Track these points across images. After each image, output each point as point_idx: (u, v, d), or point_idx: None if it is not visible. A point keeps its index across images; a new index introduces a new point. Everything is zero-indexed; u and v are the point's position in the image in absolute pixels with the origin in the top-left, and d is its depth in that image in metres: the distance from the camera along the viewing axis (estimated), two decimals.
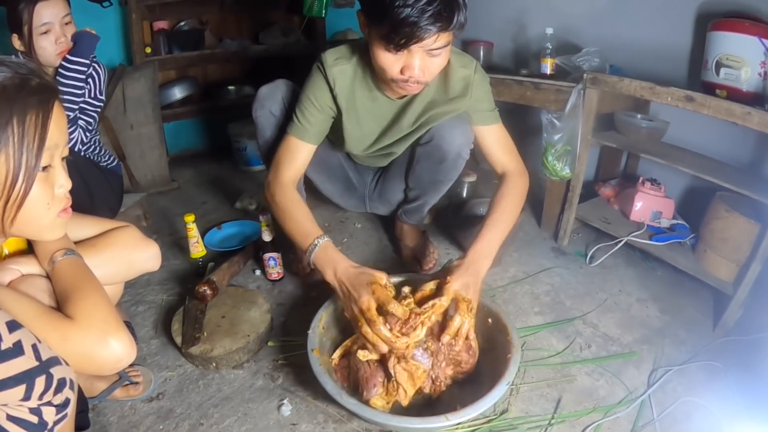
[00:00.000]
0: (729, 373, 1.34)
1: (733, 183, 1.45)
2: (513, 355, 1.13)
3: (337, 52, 1.32)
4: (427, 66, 1.13)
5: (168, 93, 2.64)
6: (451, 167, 1.48)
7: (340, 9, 2.84)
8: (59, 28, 1.47)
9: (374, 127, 1.43)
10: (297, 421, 1.19)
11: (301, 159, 1.38)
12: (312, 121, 1.35)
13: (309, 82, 1.36)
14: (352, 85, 1.33)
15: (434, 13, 1.01)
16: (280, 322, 1.52)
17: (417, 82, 1.16)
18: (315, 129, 1.37)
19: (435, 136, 1.42)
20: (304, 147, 1.37)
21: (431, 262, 1.73)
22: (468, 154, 1.46)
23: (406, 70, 1.13)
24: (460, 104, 1.35)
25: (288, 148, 1.37)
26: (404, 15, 1.01)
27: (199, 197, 2.39)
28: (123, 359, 0.81)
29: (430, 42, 1.07)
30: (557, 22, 2.01)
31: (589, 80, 1.65)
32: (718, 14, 1.65)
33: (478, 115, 1.39)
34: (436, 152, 1.44)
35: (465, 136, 1.40)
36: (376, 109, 1.38)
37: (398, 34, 1.05)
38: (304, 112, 1.35)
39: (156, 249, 1.09)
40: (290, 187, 1.34)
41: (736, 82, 1.53)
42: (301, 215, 1.29)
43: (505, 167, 1.40)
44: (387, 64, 1.13)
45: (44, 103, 0.75)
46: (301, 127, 1.36)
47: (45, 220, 0.80)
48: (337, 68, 1.30)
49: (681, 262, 1.63)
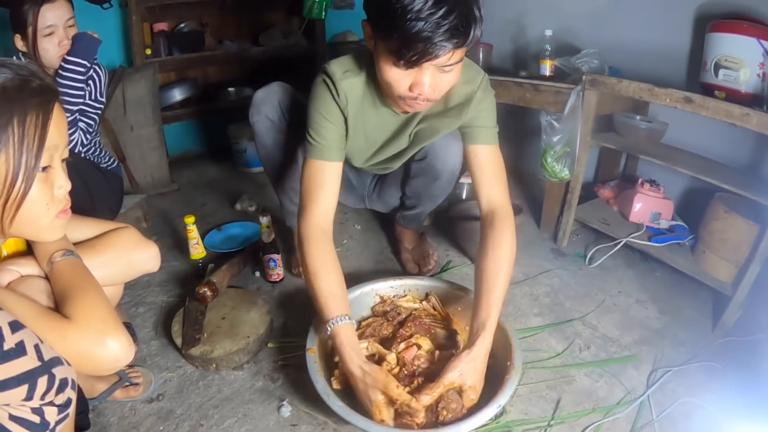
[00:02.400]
0: (728, 373, 1.34)
1: (732, 184, 1.45)
2: (510, 378, 1.10)
3: (343, 64, 1.22)
4: (438, 83, 1.05)
5: (168, 94, 2.64)
6: (446, 184, 1.47)
7: (339, 11, 2.84)
8: (63, 30, 1.47)
9: (377, 139, 1.37)
10: (297, 423, 1.20)
11: (332, 183, 1.23)
12: (329, 137, 1.23)
13: (316, 97, 1.24)
14: (361, 100, 1.24)
15: (450, 28, 0.93)
16: (280, 324, 1.52)
17: (426, 99, 1.08)
18: (336, 145, 1.24)
19: (429, 154, 1.37)
20: (331, 168, 1.23)
21: (431, 264, 1.73)
22: (462, 172, 1.43)
23: (415, 87, 1.05)
24: (455, 121, 1.26)
25: (313, 176, 1.23)
26: (417, 29, 0.92)
27: (199, 199, 2.39)
28: (121, 359, 0.81)
29: (444, 60, 0.98)
30: (556, 23, 2.01)
31: (588, 82, 1.65)
32: (717, 15, 1.65)
33: (475, 131, 1.27)
34: (431, 170, 1.41)
35: (459, 156, 1.35)
36: (381, 123, 1.31)
37: (410, 50, 0.95)
38: (320, 131, 1.22)
39: (156, 250, 1.09)
40: (322, 238, 1.19)
41: (734, 84, 1.53)
42: (327, 284, 1.15)
43: (491, 202, 1.24)
44: (394, 80, 1.05)
45: (44, 105, 0.75)
46: (320, 146, 1.23)
47: (44, 221, 0.80)
48: (346, 82, 1.20)
49: (680, 263, 1.63)
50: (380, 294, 1.44)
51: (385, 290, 1.44)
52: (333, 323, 1.11)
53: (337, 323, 1.11)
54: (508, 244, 1.19)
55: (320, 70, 1.24)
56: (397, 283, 1.45)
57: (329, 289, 1.15)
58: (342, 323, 1.11)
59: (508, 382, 1.09)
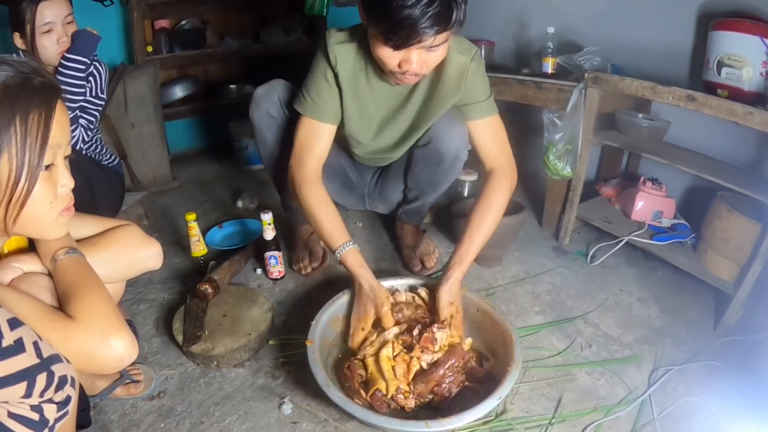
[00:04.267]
0: (729, 373, 1.34)
1: (734, 183, 1.45)
2: (511, 371, 1.11)
3: (342, 33, 1.30)
4: (426, 60, 1.12)
5: (169, 92, 2.64)
6: (449, 169, 1.48)
7: (341, 8, 2.83)
8: (61, 27, 1.47)
9: (374, 113, 1.40)
10: (298, 420, 1.20)
11: (323, 142, 1.34)
12: (325, 97, 1.32)
13: (315, 60, 1.33)
14: (353, 68, 1.30)
15: (433, 15, 0.99)
16: (281, 321, 1.52)
17: (415, 74, 1.15)
18: (330, 108, 1.33)
19: (432, 138, 1.41)
20: (324, 128, 1.33)
21: (432, 261, 1.73)
22: (466, 156, 1.45)
23: (403, 65, 1.12)
24: (454, 95, 1.31)
25: (307, 131, 1.33)
26: (403, 16, 0.99)
27: (200, 196, 2.39)
28: (125, 358, 0.81)
29: (428, 43, 1.06)
30: (558, 21, 2.00)
31: (591, 79, 1.65)
32: (720, 14, 1.64)
33: (472, 108, 1.35)
34: (434, 154, 1.43)
35: (462, 138, 1.40)
36: (376, 95, 1.36)
37: (396, 35, 1.03)
38: (319, 90, 1.31)
39: (158, 248, 1.09)
40: (315, 182, 1.32)
41: (737, 82, 1.53)
42: (327, 216, 1.30)
43: (494, 163, 1.36)
44: (385, 57, 1.13)
45: (47, 102, 0.75)
46: (315, 106, 1.32)
47: (48, 219, 0.80)
48: (338, 47, 1.27)
49: (682, 261, 1.63)
50: None
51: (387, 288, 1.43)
52: (341, 250, 1.28)
53: (345, 249, 1.28)
54: (499, 194, 1.33)
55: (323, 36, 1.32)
56: (398, 283, 1.44)
57: (330, 220, 1.30)
58: (348, 248, 1.28)
59: (508, 375, 1.09)
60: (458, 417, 1.01)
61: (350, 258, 1.28)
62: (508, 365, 1.13)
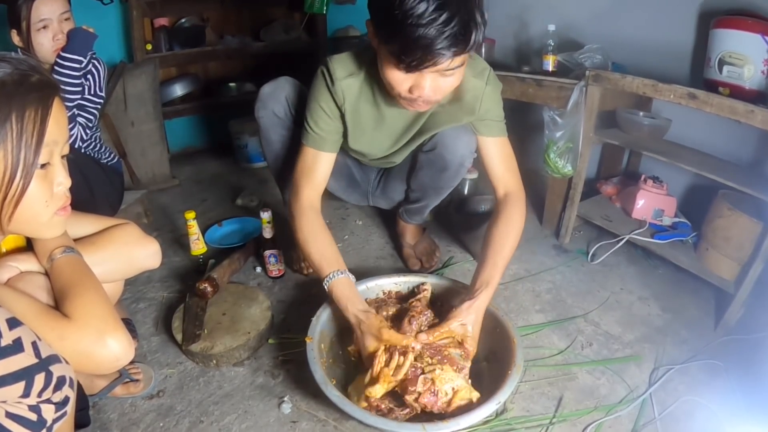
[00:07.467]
0: (730, 372, 1.34)
1: (735, 181, 1.44)
2: (511, 374, 1.09)
3: (345, 64, 1.24)
4: (439, 85, 1.05)
5: (169, 90, 2.63)
6: (453, 175, 1.46)
7: (341, 6, 2.83)
8: (57, 24, 1.46)
9: (384, 139, 1.38)
10: (297, 419, 1.19)
11: (322, 171, 1.32)
12: (325, 128, 1.29)
13: (316, 89, 1.28)
14: (357, 101, 1.26)
15: (450, 35, 0.92)
16: (280, 320, 1.52)
17: (426, 102, 1.09)
18: (331, 137, 1.31)
19: (438, 144, 1.37)
20: (323, 157, 1.31)
21: (433, 260, 1.73)
22: (471, 163, 1.43)
23: (415, 90, 1.05)
24: (467, 117, 1.29)
25: (305, 161, 1.31)
26: (418, 35, 0.91)
27: (199, 194, 2.38)
28: (121, 358, 0.81)
29: (444, 65, 0.98)
30: (559, 19, 2.00)
31: (592, 77, 1.64)
32: (721, 12, 1.64)
33: (485, 125, 1.32)
34: (439, 161, 1.40)
35: (468, 146, 1.36)
36: (385, 124, 1.32)
37: (409, 57, 0.96)
38: (318, 122, 1.28)
39: (156, 246, 1.09)
40: (311, 211, 1.28)
41: (739, 80, 1.52)
42: (318, 247, 1.25)
43: (506, 188, 1.34)
44: (395, 81, 1.06)
45: (44, 100, 0.74)
46: (316, 136, 1.29)
47: (43, 218, 0.80)
48: (346, 82, 1.23)
49: (683, 260, 1.62)
50: (384, 290, 1.43)
51: (389, 286, 1.42)
52: (329, 279, 1.20)
53: (333, 278, 1.20)
54: (517, 217, 1.29)
55: (322, 63, 1.26)
56: (401, 280, 1.44)
57: (321, 251, 1.24)
58: (337, 278, 1.19)
59: (509, 379, 1.08)
60: (455, 421, 1.00)
61: (336, 289, 1.19)
62: (509, 368, 1.12)
